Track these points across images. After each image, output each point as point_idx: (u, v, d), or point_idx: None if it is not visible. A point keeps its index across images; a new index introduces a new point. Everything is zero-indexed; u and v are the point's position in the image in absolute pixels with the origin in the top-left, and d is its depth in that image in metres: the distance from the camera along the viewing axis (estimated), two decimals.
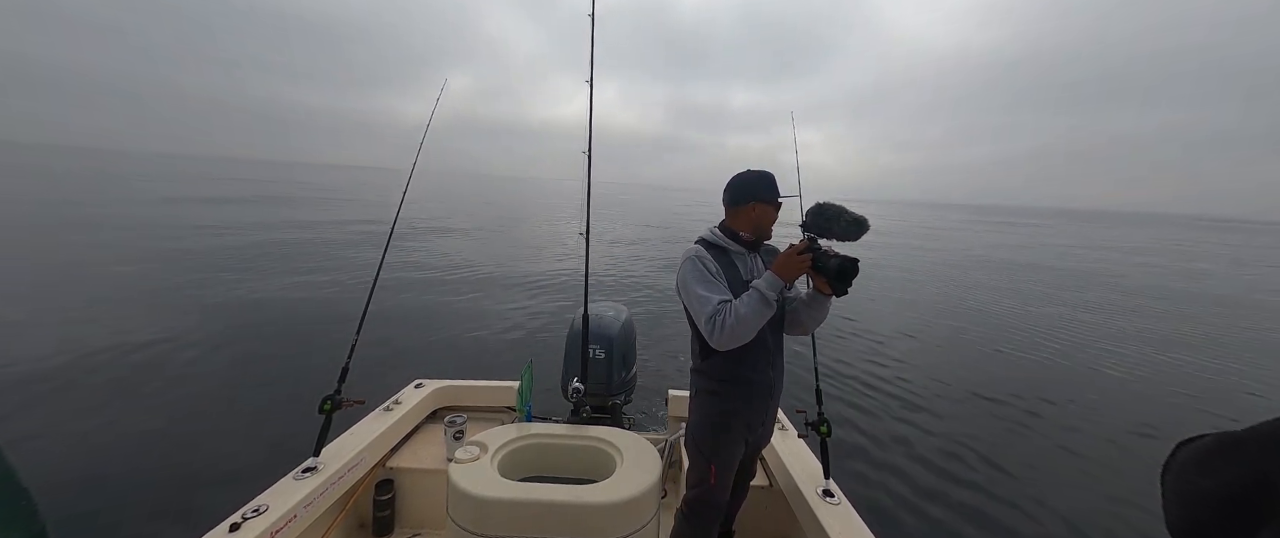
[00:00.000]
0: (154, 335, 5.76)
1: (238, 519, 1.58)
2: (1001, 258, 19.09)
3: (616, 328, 2.53)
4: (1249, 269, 20.43)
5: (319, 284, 8.74)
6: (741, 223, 1.64)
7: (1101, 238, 35.73)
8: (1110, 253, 24.14)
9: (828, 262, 1.46)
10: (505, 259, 12.50)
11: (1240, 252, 29.85)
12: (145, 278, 8.40)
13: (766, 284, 1.45)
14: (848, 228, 1.48)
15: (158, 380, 4.75)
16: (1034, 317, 9.32)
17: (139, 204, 19.63)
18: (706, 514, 1.63)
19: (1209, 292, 13.79)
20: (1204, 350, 7.72)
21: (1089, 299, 11.36)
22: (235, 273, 9.11)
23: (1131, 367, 6.73)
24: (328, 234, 14.93)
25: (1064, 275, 15.33)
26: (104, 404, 4.28)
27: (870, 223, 1.49)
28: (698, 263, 1.55)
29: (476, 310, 7.76)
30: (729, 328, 1.43)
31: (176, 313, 6.67)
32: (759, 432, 1.68)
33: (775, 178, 1.62)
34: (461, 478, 1.59)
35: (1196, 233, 57.22)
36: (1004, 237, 31.67)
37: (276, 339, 5.99)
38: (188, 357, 5.33)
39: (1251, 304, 12.01)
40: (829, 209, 1.50)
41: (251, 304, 7.34)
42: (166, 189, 27.84)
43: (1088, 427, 4.79)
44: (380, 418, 2.35)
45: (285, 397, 4.48)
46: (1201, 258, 24.40)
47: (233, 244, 11.97)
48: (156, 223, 14.73)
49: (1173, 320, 9.72)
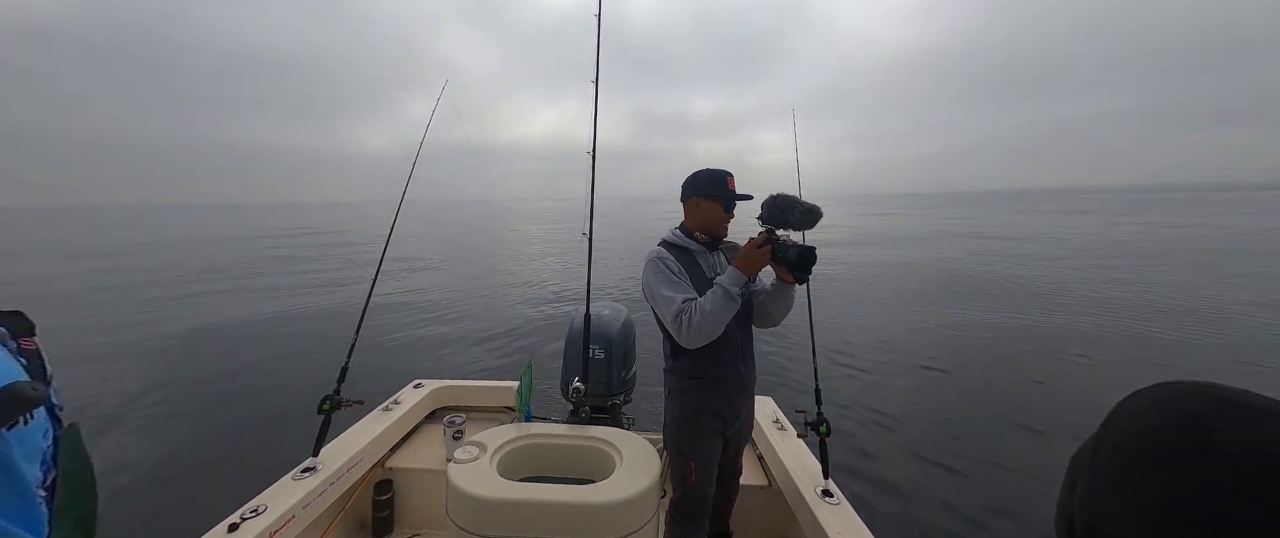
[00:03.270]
0: (154, 335, 5.75)
1: (237, 520, 1.58)
2: (992, 249, 19.11)
3: (616, 328, 2.52)
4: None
5: (318, 285, 8.73)
6: (692, 220, 1.68)
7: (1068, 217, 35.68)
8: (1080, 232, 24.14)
9: (787, 252, 1.50)
10: (505, 260, 12.49)
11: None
12: (143, 284, 8.40)
13: (729, 280, 1.48)
14: (803, 217, 1.53)
15: (157, 381, 4.74)
16: (1035, 318, 9.32)
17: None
18: (692, 512, 1.65)
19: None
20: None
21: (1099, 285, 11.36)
22: (233, 278, 9.10)
23: (1139, 366, 6.73)
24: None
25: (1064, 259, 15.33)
26: (103, 405, 4.28)
27: (822, 211, 1.54)
28: (660, 263, 1.58)
29: (476, 311, 7.76)
30: (695, 326, 1.45)
31: (176, 313, 6.66)
32: (735, 426, 1.70)
33: (729, 176, 1.63)
34: (461, 478, 1.58)
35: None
36: (968, 224, 31.62)
37: (276, 340, 5.99)
38: (188, 357, 5.32)
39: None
40: (783, 200, 1.55)
41: (251, 305, 7.33)
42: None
43: (1091, 427, 4.79)
44: (379, 418, 2.35)
45: (284, 397, 4.48)
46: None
47: (230, 252, 11.96)
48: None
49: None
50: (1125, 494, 0.37)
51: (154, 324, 6.17)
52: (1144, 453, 0.37)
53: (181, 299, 7.40)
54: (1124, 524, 0.36)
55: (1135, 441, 0.38)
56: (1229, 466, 0.32)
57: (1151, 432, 0.37)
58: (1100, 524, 0.38)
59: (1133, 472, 0.37)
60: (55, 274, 11.09)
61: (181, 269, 9.78)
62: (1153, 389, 0.40)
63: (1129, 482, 0.37)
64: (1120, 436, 0.39)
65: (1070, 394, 5.61)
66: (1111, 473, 0.39)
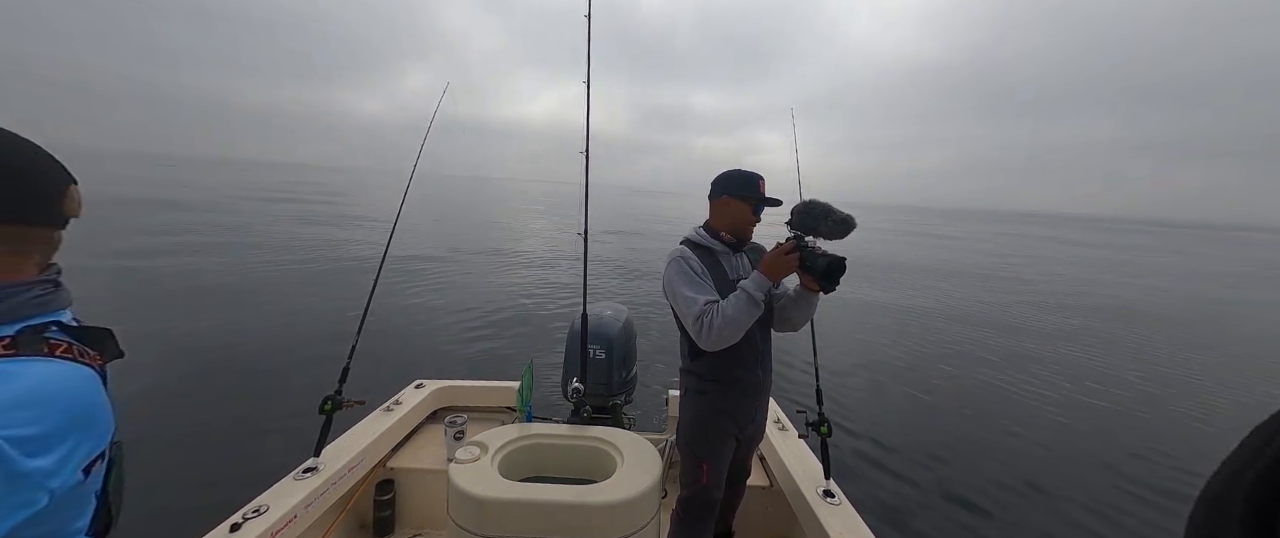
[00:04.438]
0: (153, 336, 5.76)
1: (238, 520, 1.58)
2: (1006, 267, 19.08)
3: (617, 328, 2.52)
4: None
5: (319, 284, 8.74)
6: (719, 219, 1.65)
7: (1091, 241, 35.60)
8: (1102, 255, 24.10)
9: (816, 261, 1.46)
10: (505, 261, 12.50)
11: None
12: (135, 277, 8.40)
13: (754, 285, 1.45)
14: (835, 227, 1.47)
15: (157, 381, 4.75)
16: (1035, 317, 9.32)
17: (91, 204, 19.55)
18: (701, 513, 1.64)
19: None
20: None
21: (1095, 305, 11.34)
22: (233, 273, 9.11)
23: (1145, 373, 6.72)
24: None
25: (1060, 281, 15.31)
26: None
27: (857, 222, 1.48)
28: (683, 263, 1.55)
29: (477, 311, 7.76)
30: (716, 329, 1.43)
31: (175, 312, 6.67)
32: (749, 429, 1.69)
33: (761, 179, 1.60)
34: (462, 478, 1.58)
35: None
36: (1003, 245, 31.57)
37: (276, 340, 5.99)
38: (187, 357, 5.33)
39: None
40: (816, 207, 1.49)
41: (251, 306, 7.34)
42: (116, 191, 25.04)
43: (1093, 427, 4.79)
44: (381, 418, 2.35)
45: (285, 397, 4.48)
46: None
47: (226, 242, 11.98)
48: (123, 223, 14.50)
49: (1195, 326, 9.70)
50: None
51: (151, 322, 6.18)
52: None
53: (176, 291, 7.42)
54: None
55: None
56: None
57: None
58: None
59: None
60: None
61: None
62: None
63: None
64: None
65: (1074, 394, 5.61)
66: None
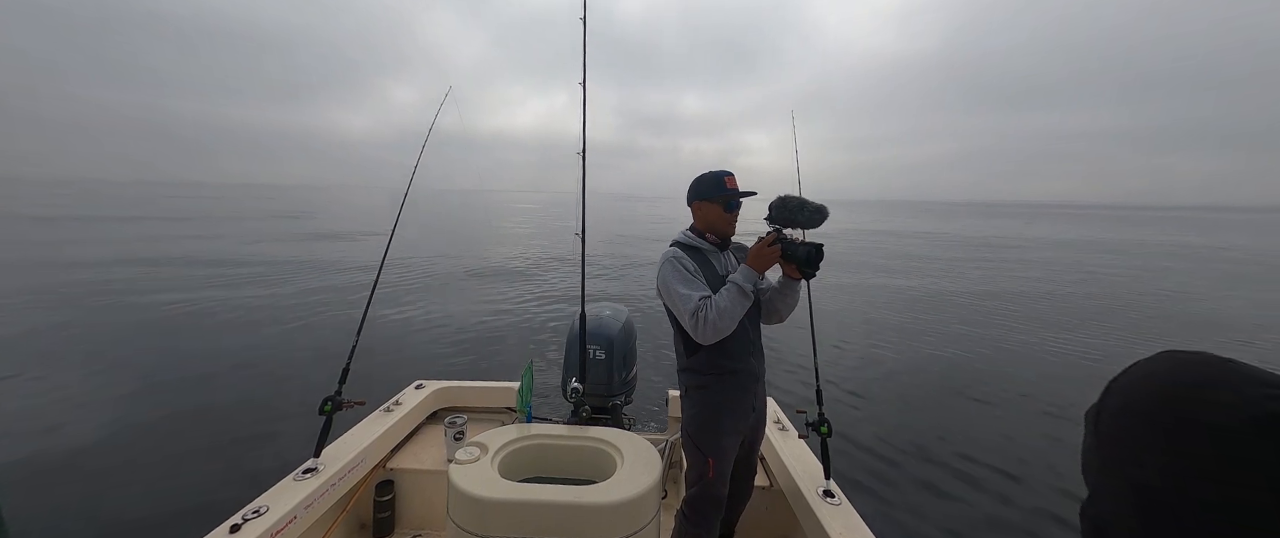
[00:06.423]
0: (153, 335, 5.76)
1: (238, 520, 1.58)
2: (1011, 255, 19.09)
3: (616, 329, 2.52)
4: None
5: (319, 286, 8.74)
6: (698, 222, 1.75)
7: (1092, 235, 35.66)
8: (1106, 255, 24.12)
9: (796, 250, 1.58)
10: (505, 260, 12.50)
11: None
12: (136, 286, 8.41)
13: (742, 277, 1.56)
14: (811, 216, 1.59)
15: (158, 382, 4.75)
16: (1035, 316, 9.31)
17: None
18: (707, 510, 1.65)
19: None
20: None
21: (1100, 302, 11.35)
22: (233, 275, 9.11)
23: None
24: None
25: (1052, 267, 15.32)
26: (103, 406, 4.28)
27: (829, 211, 1.60)
28: (676, 263, 1.63)
29: (477, 311, 7.76)
30: (711, 322, 1.51)
31: (175, 312, 6.67)
32: (751, 418, 1.72)
33: (727, 175, 1.69)
34: (462, 479, 1.58)
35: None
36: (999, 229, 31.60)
37: (277, 340, 5.99)
38: (188, 357, 5.33)
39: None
40: (791, 201, 1.61)
41: (252, 307, 7.34)
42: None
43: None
44: (381, 419, 2.35)
45: (286, 398, 4.48)
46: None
47: (228, 249, 11.98)
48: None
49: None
50: (1120, 465, 0.38)
51: (151, 321, 6.18)
52: (1137, 426, 0.38)
53: (177, 300, 7.42)
54: (1115, 496, 0.38)
55: (1137, 405, 0.39)
56: (1218, 434, 0.33)
57: (1148, 402, 0.38)
58: (1100, 490, 0.41)
59: (1125, 447, 0.38)
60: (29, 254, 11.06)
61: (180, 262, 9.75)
62: (1149, 362, 0.41)
63: (1124, 455, 0.38)
64: (1119, 404, 0.41)
65: (1076, 395, 5.60)
66: (1107, 447, 0.40)
